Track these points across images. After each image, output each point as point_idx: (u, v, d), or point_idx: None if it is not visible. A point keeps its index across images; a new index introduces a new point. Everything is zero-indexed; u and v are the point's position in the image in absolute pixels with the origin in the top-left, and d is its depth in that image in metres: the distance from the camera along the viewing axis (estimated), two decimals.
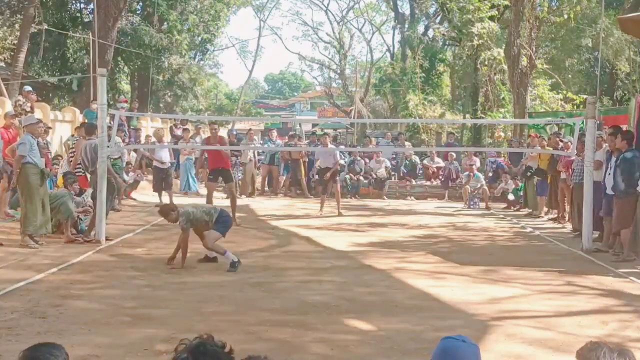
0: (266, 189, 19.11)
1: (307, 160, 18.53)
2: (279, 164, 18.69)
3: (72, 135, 16.67)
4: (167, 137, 20.90)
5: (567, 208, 13.25)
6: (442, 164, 19.21)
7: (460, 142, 25.85)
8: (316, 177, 16.43)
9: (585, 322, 6.09)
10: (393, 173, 19.19)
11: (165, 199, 15.14)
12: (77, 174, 11.77)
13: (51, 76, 23.67)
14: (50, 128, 14.91)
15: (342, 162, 18.86)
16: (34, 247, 9.13)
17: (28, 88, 15.16)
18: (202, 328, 5.57)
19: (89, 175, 11.02)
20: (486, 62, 24.11)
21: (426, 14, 33.59)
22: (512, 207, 16.12)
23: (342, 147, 21.17)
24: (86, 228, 10.50)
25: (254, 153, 18.06)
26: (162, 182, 15.22)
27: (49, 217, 9.62)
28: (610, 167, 9.76)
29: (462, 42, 25.87)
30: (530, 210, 15.11)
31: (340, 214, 14.17)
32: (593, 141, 10.14)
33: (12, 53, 20.10)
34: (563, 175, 13.02)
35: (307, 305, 6.55)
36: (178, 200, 15.38)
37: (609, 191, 9.70)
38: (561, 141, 13.67)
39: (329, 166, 14.40)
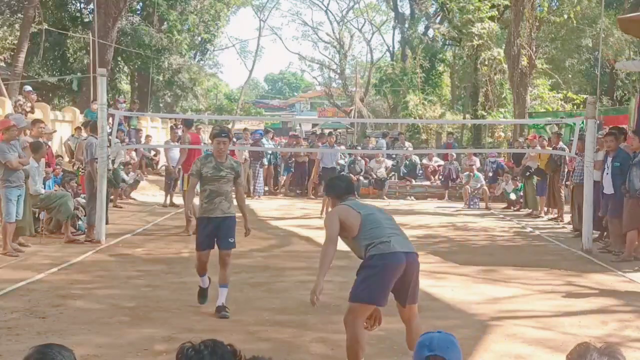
0: (266, 188, 19.11)
1: (307, 160, 18.56)
2: (279, 164, 18.69)
3: (72, 135, 16.69)
4: (168, 137, 20.89)
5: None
6: (440, 162, 19.21)
7: (460, 142, 25.86)
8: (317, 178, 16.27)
9: (585, 322, 6.09)
10: (393, 173, 19.19)
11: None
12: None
13: (51, 76, 23.68)
14: (55, 131, 14.88)
15: (341, 162, 18.87)
16: (24, 251, 8.97)
17: (28, 88, 15.18)
18: (202, 328, 5.58)
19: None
20: (486, 62, 24.13)
21: (426, 14, 33.60)
22: (512, 207, 16.12)
23: (343, 147, 21.16)
24: (86, 229, 10.51)
25: (249, 153, 18.01)
26: (173, 181, 15.17)
27: (32, 219, 9.48)
28: (608, 167, 9.74)
29: (462, 42, 25.89)
30: (531, 210, 15.11)
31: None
32: (593, 141, 10.13)
33: (12, 53, 20.12)
34: None
35: (307, 305, 6.51)
36: (179, 200, 15.41)
37: (607, 191, 9.68)
38: (561, 141, 13.70)
39: (334, 166, 14.19)
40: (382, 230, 4.50)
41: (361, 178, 18.69)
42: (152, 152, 19.84)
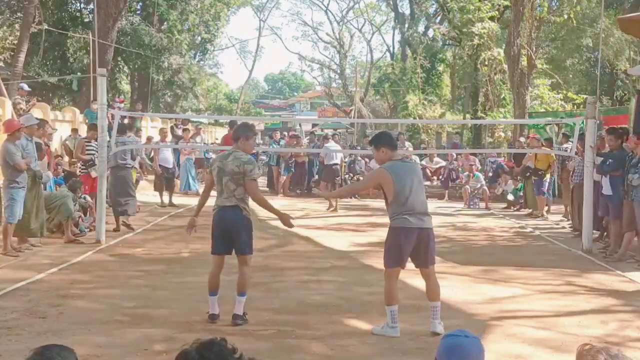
0: (267, 189, 19.13)
1: (307, 160, 18.61)
2: (279, 164, 18.71)
3: (70, 136, 16.66)
4: (167, 138, 20.85)
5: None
6: (443, 163, 19.16)
7: (460, 142, 25.85)
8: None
9: (585, 322, 6.09)
10: None
11: (166, 198, 15.16)
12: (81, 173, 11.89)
13: (51, 76, 23.67)
14: (55, 130, 14.84)
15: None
16: (24, 251, 8.94)
17: (25, 87, 15.14)
18: (202, 328, 5.58)
19: (93, 173, 11.07)
20: (486, 62, 24.12)
21: (426, 14, 33.62)
22: (512, 207, 16.12)
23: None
24: (86, 229, 10.51)
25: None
26: (164, 181, 15.13)
27: (44, 221, 9.46)
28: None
29: (462, 42, 25.89)
30: (531, 210, 15.11)
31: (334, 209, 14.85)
32: (593, 141, 10.13)
33: (12, 53, 20.10)
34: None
35: (307, 305, 6.55)
36: (178, 200, 15.42)
37: (605, 191, 9.67)
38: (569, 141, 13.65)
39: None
40: (405, 206, 5.54)
41: (361, 178, 18.69)
42: (152, 153, 19.82)
